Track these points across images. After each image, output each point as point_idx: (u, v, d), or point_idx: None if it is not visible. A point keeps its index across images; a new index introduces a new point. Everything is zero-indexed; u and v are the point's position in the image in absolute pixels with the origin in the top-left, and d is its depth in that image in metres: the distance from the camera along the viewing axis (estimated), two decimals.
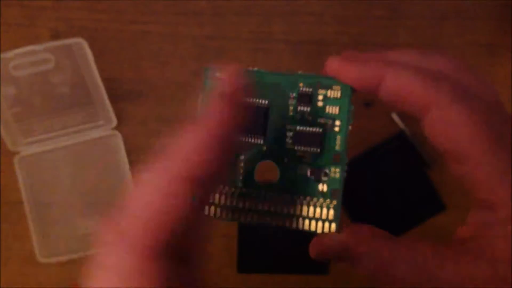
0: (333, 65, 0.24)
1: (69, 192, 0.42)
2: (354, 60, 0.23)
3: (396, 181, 0.41)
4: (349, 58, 0.24)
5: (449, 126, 0.22)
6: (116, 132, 0.42)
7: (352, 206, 0.41)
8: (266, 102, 0.24)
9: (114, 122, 0.42)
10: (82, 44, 0.40)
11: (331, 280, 0.21)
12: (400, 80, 0.22)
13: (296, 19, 0.42)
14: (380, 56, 0.24)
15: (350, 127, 0.24)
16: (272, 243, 0.22)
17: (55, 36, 0.42)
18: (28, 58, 0.40)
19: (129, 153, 0.42)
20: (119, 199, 0.17)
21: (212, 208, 0.24)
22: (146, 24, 0.43)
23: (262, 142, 0.24)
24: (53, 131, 0.42)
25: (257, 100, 0.24)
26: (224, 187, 0.24)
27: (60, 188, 0.41)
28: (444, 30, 0.42)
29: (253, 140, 0.24)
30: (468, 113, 0.21)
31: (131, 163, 0.42)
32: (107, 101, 0.41)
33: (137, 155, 0.42)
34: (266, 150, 0.25)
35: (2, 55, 0.39)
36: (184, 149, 0.17)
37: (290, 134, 0.24)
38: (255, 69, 0.25)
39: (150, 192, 0.17)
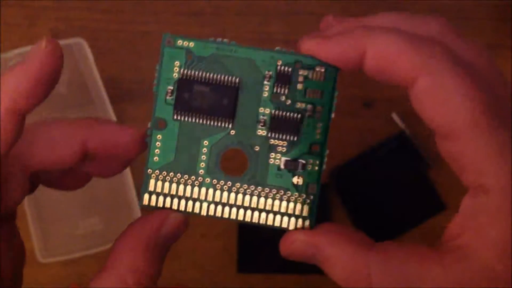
0: (308, 46, 0.21)
1: (69, 192, 0.42)
2: (331, 36, 0.20)
3: (396, 181, 0.41)
4: (325, 34, 0.21)
5: (439, 96, 0.19)
6: None
7: (352, 206, 0.41)
8: (237, 80, 0.21)
9: None
10: (82, 44, 0.40)
11: (331, 280, 0.20)
12: (384, 46, 0.19)
13: (296, 19, 0.42)
14: (360, 23, 0.21)
15: (333, 115, 0.21)
16: (272, 243, 0.22)
17: (55, 36, 0.42)
18: None
19: None
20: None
21: (168, 199, 0.22)
22: (146, 24, 0.43)
23: (230, 126, 0.22)
24: None
25: (226, 78, 0.21)
26: (182, 175, 0.22)
27: None
28: None
29: (219, 124, 0.22)
30: (462, 81, 0.18)
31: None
32: (107, 101, 0.41)
33: None
34: (234, 136, 0.22)
35: (2, 55, 0.39)
36: (10, 86, 0.19)
37: (263, 118, 0.22)
38: (225, 40, 0.22)
39: None
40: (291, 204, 0.22)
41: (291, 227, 0.21)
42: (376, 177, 0.41)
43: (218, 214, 0.22)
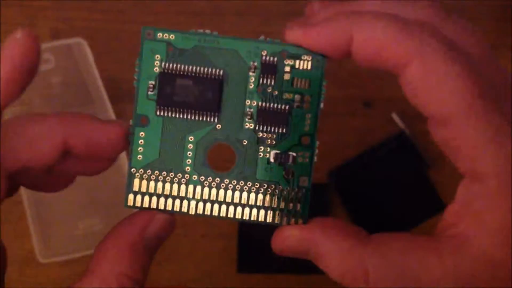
0: (294, 35, 0.20)
1: (69, 192, 0.42)
2: (316, 23, 0.20)
3: (396, 181, 0.41)
4: (310, 22, 0.20)
5: (431, 81, 0.18)
6: None
7: (352, 206, 0.41)
8: (221, 72, 0.21)
9: None
10: (82, 44, 0.40)
11: (331, 280, 0.20)
12: (371, 32, 0.18)
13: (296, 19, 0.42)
14: (346, 8, 0.20)
15: (322, 105, 0.21)
16: None
17: (55, 36, 0.42)
18: None
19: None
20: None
21: (154, 198, 0.21)
22: (146, 24, 0.43)
23: (215, 120, 0.21)
24: None
25: (210, 70, 0.21)
26: (168, 172, 0.21)
27: None
28: None
29: (204, 118, 0.21)
30: (455, 66, 0.18)
31: None
32: (107, 101, 0.41)
33: None
34: (220, 130, 0.21)
35: None
36: None
37: (250, 111, 0.21)
38: (207, 31, 0.21)
39: None
40: (283, 199, 0.21)
41: (284, 222, 0.21)
42: (376, 177, 0.41)
43: (207, 212, 0.21)
